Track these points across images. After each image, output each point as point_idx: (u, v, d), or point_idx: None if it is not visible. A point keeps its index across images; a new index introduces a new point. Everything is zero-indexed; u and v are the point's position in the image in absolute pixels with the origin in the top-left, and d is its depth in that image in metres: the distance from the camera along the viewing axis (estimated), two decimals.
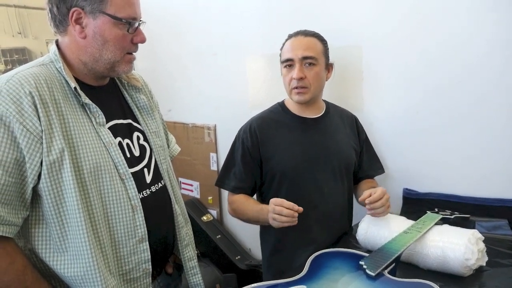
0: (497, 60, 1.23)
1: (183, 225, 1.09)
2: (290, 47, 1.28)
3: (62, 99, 0.86)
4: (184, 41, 2.11)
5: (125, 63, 0.94)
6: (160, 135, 1.09)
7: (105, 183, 0.89)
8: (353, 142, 1.38)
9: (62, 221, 0.84)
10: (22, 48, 2.04)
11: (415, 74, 1.39)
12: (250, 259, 2.03)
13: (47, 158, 0.81)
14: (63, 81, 0.88)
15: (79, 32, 0.88)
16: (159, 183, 1.03)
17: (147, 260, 0.94)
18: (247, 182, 1.32)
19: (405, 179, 1.49)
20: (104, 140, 0.91)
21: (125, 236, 0.91)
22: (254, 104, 1.84)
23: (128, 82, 1.05)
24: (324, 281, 0.90)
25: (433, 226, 1.09)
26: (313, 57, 1.25)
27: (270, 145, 1.29)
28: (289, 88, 1.29)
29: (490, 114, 1.28)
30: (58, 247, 0.85)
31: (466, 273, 0.98)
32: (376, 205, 1.10)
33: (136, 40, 0.94)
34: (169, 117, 2.28)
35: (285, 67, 1.29)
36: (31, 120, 0.80)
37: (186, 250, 1.09)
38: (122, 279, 0.92)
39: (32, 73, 0.84)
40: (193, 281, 1.11)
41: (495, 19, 1.21)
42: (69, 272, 0.85)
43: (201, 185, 2.25)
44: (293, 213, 1.06)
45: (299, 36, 1.28)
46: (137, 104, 1.06)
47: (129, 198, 0.92)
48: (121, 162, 0.92)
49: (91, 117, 0.91)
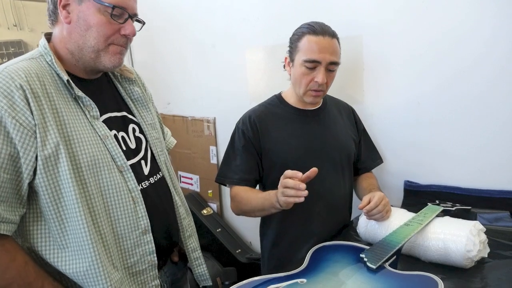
0: (501, 51, 1.21)
1: (184, 216, 1.08)
2: (318, 47, 1.18)
3: (55, 92, 0.85)
4: (184, 33, 2.09)
5: (111, 54, 0.91)
6: (156, 127, 1.08)
7: (103, 176, 0.87)
8: (352, 133, 1.38)
9: (61, 217, 0.83)
10: (18, 41, 2.02)
11: (417, 64, 1.37)
12: (251, 252, 2.03)
13: (42, 152, 0.79)
14: (54, 74, 0.87)
15: (64, 17, 0.87)
16: (157, 175, 1.02)
17: (152, 251, 0.94)
18: (251, 173, 1.28)
19: (406, 171, 1.48)
20: (99, 133, 0.89)
21: (128, 228, 0.90)
22: (254, 97, 1.83)
23: (121, 74, 1.04)
24: (324, 274, 0.90)
25: (434, 218, 1.08)
26: (337, 63, 1.22)
27: (270, 137, 1.28)
28: (305, 89, 1.23)
29: (492, 105, 1.26)
30: (58, 243, 0.84)
31: (467, 265, 0.97)
32: (373, 213, 1.10)
33: (123, 32, 0.91)
34: (168, 110, 2.27)
35: (306, 67, 1.20)
36: (23, 114, 0.78)
37: (190, 241, 1.09)
38: (127, 272, 0.91)
39: (22, 67, 0.82)
40: (198, 271, 1.11)
41: (499, 8, 1.19)
42: (71, 268, 0.84)
43: (201, 179, 2.24)
44: (298, 184, 0.97)
45: (326, 36, 1.19)
46: (131, 96, 1.04)
47: (129, 190, 0.91)
48: (118, 154, 0.91)
49: (84, 110, 0.89)
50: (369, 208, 1.10)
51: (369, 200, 1.11)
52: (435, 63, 1.34)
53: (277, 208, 1.09)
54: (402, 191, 1.48)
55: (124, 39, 0.93)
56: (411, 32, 1.36)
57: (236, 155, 1.30)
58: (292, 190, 0.98)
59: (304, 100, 1.27)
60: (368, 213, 1.11)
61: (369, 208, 1.10)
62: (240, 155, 1.29)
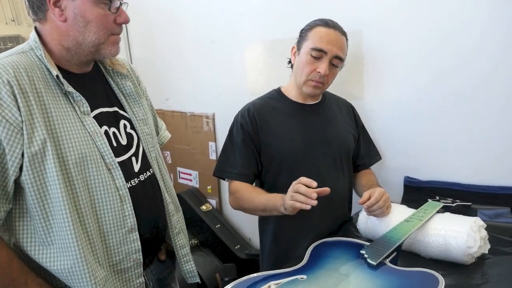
0: (501, 42, 1.20)
1: (173, 213, 1.07)
2: (327, 38, 1.19)
3: (44, 88, 0.83)
4: (183, 29, 2.08)
5: (111, 45, 0.91)
6: (148, 123, 1.07)
7: (91, 173, 0.86)
8: (351, 129, 1.37)
9: (46, 214, 0.82)
10: (16, 35, 2.00)
11: (417, 60, 1.36)
12: (250, 248, 2.03)
13: (29, 149, 0.78)
14: (44, 69, 0.85)
15: (58, 16, 0.84)
16: (147, 172, 1.01)
17: (137, 250, 0.93)
18: (250, 168, 1.28)
19: (406, 167, 1.47)
20: (89, 130, 0.88)
21: (114, 227, 0.89)
22: (253, 92, 1.81)
23: (112, 69, 1.02)
24: (324, 271, 0.89)
25: (435, 214, 1.08)
26: (342, 59, 1.23)
27: (269, 131, 1.27)
28: (306, 78, 1.23)
29: (493, 101, 1.26)
30: (43, 240, 0.83)
31: (468, 261, 0.97)
32: (373, 209, 1.10)
33: (119, 21, 0.90)
34: (167, 106, 2.26)
35: (312, 55, 1.20)
36: (10, 110, 0.77)
37: (178, 238, 1.08)
38: (112, 270, 0.91)
39: (11, 62, 0.80)
40: (186, 268, 1.10)
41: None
42: (55, 265, 0.83)
43: (200, 175, 2.23)
44: (310, 192, 0.96)
45: (337, 31, 1.21)
46: (123, 91, 1.03)
47: (116, 188, 0.90)
48: (107, 151, 0.90)
49: (75, 106, 0.88)
50: (370, 203, 1.10)
51: (370, 196, 1.11)
52: (435, 58, 1.33)
53: (279, 212, 1.09)
54: (402, 187, 1.47)
55: (120, 28, 0.92)
56: (411, 26, 1.35)
57: (235, 149, 1.29)
58: (302, 197, 0.98)
59: (303, 90, 1.26)
60: (368, 208, 1.11)
61: (369, 203, 1.10)
62: (238, 149, 1.28)
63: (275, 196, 1.12)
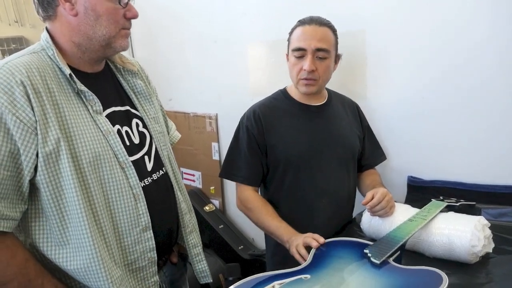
0: (505, 40, 1.20)
1: (186, 212, 1.07)
2: (303, 35, 1.21)
3: (56, 87, 0.83)
4: (185, 29, 2.08)
5: (121, 38, 0.91)
6: (160, 121, 1.07)
7: (105, 172, 0.87)
8: (356, 129, 1.37)
9: (61, 214, 0.82)
10: (19, 37, 2.01)
11: (420, 59, 1.36)
12: (253, 248, 2.02)
13: (43, 149, 0.79)
14: (56, 69, 0.85)
15: (69, 10, 0.84)
16: (160, 171, 1.01)
17: (152, 248, 0.93)
18: (256, 172, 1.29)
19: (410, 166, 1.47)
20: (102, 129, 0.88)
21: (129, 225, 0.90)
22: (256, 92, 1.81)
23: (123, 67, 1.02)
24: (328, 270, 0.89)
25: (439, 213, 1.08)
26: (326, 50, 1.21)
27: (275, 133, 1.27)
28: (297, 78, 1.25)
29: (497, 100, 1.25)
30: (59, 240, 0.84)
31: (472, 260, 0.97)
32: (376, 209, 1.10)
33: (129, 15, 0.90)
34: (170, 106, 2.26)
35: (295, 56, 1.23)
36: (24, 110, 0.77)
37: (190, 237, 1.08)
38: (127, 269, 0.91)
39: (23, 62, 0.81)
40: (199, 268, 1.10)
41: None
42: (71, 265, 0.83)
43: (203, 175, 2.23)
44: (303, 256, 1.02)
45: (313, 24, 1.21)
46: (134, 90, 1.03)
47: (130, 187, 0.90)
48: (120, 150, 0.90)
49: (87, 105, 0.88)
50: (372, 204, 1.10)
51: (372, 196, 1.11)
52: (438, 57, 1.32)
53: (283, 244, 1.15)
54: (406, 187, 1.47)
55: (129, 23, 0.92)
56: (414, 25, 1.35)
57: (241, 151, 1.30)
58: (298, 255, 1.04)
59: (299, 90, 1.27)
60: (371, 209, 1.11)
61: (372, 204, 1.10)
62: (244, 152, 1.29)
63: (285, 229, 1.17)
